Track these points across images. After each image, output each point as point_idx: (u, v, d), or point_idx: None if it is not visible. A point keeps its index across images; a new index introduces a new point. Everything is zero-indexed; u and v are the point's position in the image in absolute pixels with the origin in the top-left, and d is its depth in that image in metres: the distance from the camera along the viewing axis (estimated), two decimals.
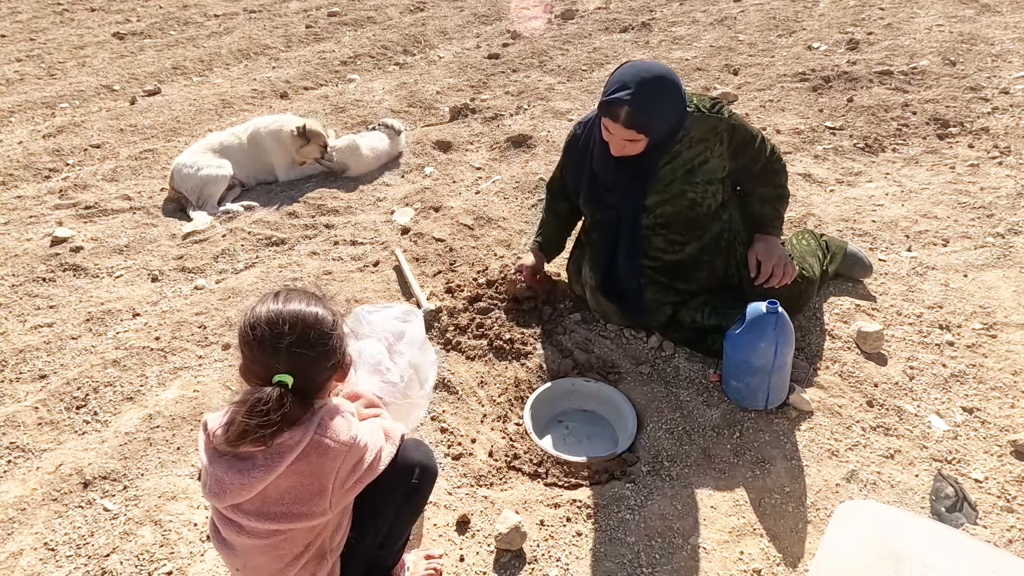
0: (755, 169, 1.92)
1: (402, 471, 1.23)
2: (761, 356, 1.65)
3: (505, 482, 1.66)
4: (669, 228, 1.94)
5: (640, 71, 1.71)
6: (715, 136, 1.84)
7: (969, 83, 4.09)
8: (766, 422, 1.75)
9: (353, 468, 1.14)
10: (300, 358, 1.09)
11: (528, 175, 3.19)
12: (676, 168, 1.85)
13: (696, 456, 1.68)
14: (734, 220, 2.00)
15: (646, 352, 2.03)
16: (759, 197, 1.97)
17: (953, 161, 3.18)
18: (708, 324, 1.97)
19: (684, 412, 1.81)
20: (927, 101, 3.89)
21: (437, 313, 2.21)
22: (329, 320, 1.14)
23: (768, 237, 1.98)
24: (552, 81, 4.73)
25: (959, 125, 3.60)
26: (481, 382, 1.96)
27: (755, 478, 1.60)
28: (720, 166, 1.88)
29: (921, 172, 3.14)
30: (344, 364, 1.19)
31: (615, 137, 1.76)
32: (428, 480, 1.28)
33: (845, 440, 1.70)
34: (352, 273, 2.54)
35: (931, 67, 4.38)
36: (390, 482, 1.22)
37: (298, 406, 1.10)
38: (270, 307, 1.13)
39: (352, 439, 1.13)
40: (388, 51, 5.88)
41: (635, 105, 1.66)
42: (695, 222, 1.93)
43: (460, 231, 2.74)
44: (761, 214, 1.99)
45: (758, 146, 1.89)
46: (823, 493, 1.57)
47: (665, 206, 1.89)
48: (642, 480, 1.62)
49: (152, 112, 4.55)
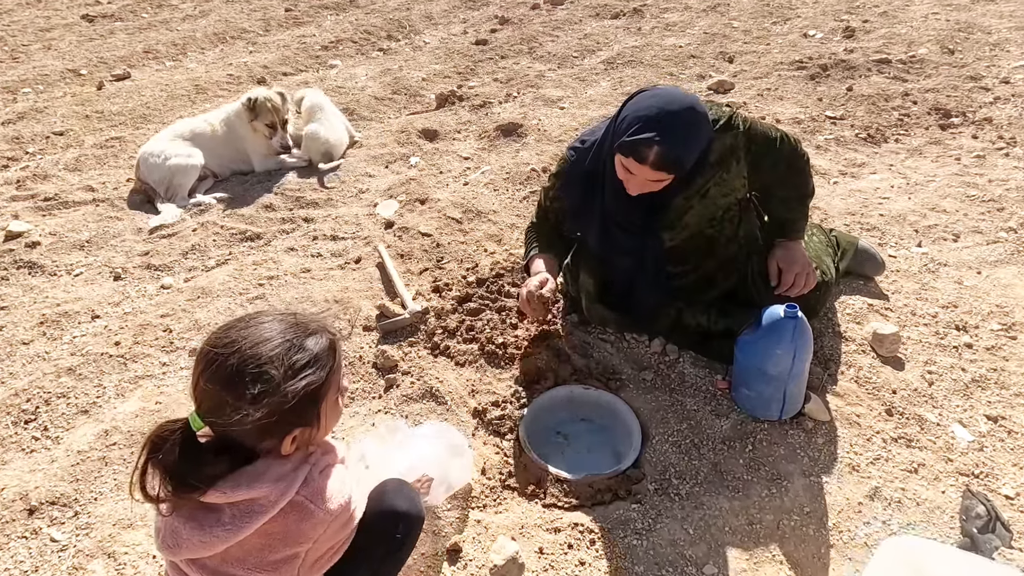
0: (776, 173, 1.76)
1: (382, 522, 1.07)
2: (777, 364, 1.52)
3: (500, 503, 1.51)
4: (680, 257, 1.79)
5: (664, 103, 1.48)
6: (732, 155, 1.66)
7: (969, 72, 4.00)
8: (780, 434, 1.62)
9: (335, 536, 0.98)
10: (214, 399, 0.90)
11: (519, 165, 3.03)
12: (691, 197, 1.68)
13: (706, 472, 1.55)
14: (751, 232, 1.86)
15: (648, 357, 1.89)
16: (779, 200, 1.82)
17: (958, 152, 3.08)
18: (716, 328, 1.84)
19: (692, 423, 1.68)
20: (927, 91, 3.79)
21: (424, 315, 2.06)
22: (277, 368, 0.91)
23: (789, 243, 1.84)
24: (542, 68, 4.56)
25: (961, 115, 3.50)
26: (472, 391, 1.81)
27: (772, 497, 1.48)
28: (739, 185, 1.72)
29: (926, 163, 3.04)
30: (315, 429, 0.99)
31: (637, 177, 1.55)
32: (414, 531, 1.12)
33: (866, 453, 1.58)
34: (332, 271, 2.37)
35: (929, 56, 4.29)
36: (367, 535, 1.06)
37: (223, 461, 0.92)
38: (228, 323, 0.96)
39: (344, 506, 0.97)
40: (371, 36, 5.66)
41: (666, 145, 1.44)
42: (711, 250, 1.79)
43: (447, 225, 2.58)
44: (781, 218, 1.84)
45: (778, 148, 1.72)
46: (845, 513, 1.45)
47: (678, 242, 1.75)
48: (649, 500, 1.49)
49: (120, 98, 4.31)
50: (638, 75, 4.31)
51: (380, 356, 1.91)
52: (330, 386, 1.00)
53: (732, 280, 1.87)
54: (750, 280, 1.88)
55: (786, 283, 1.78)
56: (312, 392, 0.95)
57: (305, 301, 2.17)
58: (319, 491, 0.96)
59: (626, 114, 1.55)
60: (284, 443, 0.96)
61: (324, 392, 0.98)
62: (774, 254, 1.84)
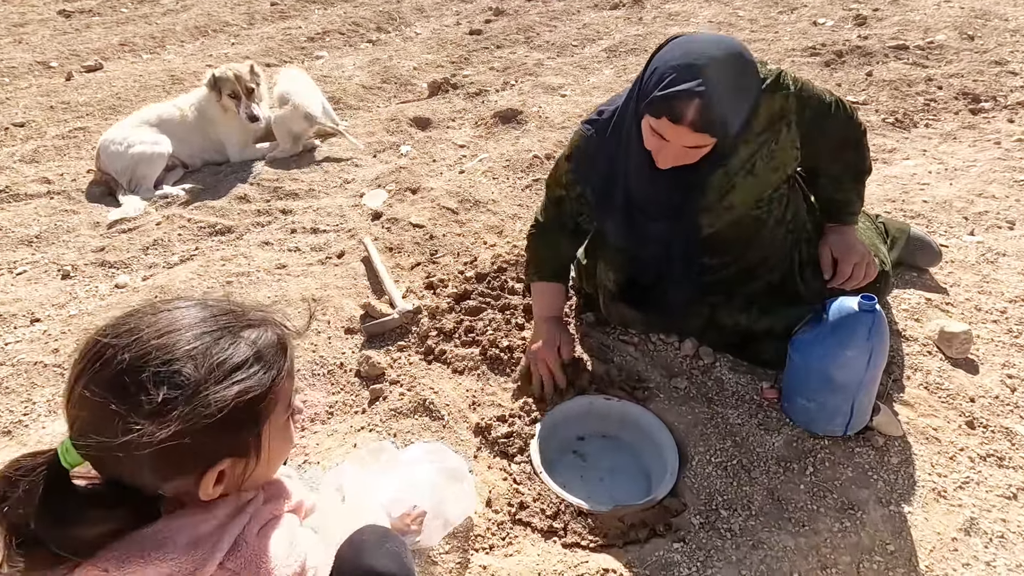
0: (830, 146, 1.49)
1: None
2: (847, 369, 1.25)
3: (510, 543, 1.23)
4: (719, 247, 1.51)
5: (705, 49, 1.21)
6: (781, 120, 1.37)
7: (992, 57, 3.78)
8: (846, 452, 1.35)
9: None
10: (96, 412, 0.62)
11: (520, 152, 2.76)
12: (732, 173, 1.38)
13: (761, 501, 1.27)
14: (799, 215, 1.58)
15: (679, 361, 1.61)
16: (833, 179, 1.55)
17: (996, 136, 2.84)
18: (757, 327, 1.57)
19: (737, 440, 1.40)
20: (951, 75, 3.57)
21: (416, 315, 1.77)
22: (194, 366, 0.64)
23: (844, 228, 1.57)
24: (540, 56, 4.30)
25: (991, 100, 3.28)
26: (473, 403, 1.53)
27: (845, 532, 1.20)
28: (790, 157, 1.42)
29: (962, 148, 2.80)
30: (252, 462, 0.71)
31: (671, 145, 1.26)
32: None
33: (951, 475, 1.31)
34: (311, 266, 2.09)
35: (948, 42, 4.08)
36: None
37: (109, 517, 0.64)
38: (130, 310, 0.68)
39: (296, 574, 0.69)
40: (360, 28, 5.40)
41: (709, 98, 1.17)
42: (755, 236, 1.51)
43: (442, 215, 2.30)
44: (834, 200, 1.57)
45: (833, 115, 1.45)
46: (939, 552, 1.17)
47: (719, 227, 1.46)
48: (695, 537, 1.21)
49: (90, 88, 4.01)
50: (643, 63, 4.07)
51: (364, 363, 1.62)
52: (276, 400, 0.72)
53: (776, 273, 1.60)
54: (796, 272, 1.61)
55: (843, 274, 1.51)
56: (248, 405, 0.67)
57: (279, 300, 1.88)
58: (255, 559, 0.68)
59: (656, 65, 1.27)
60: (204, 483, 0.67)
61: (267, 407, 0.70)
62: (827, 240, 1.57)
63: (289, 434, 0.78)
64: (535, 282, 1.64)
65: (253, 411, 0.68)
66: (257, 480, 0.75)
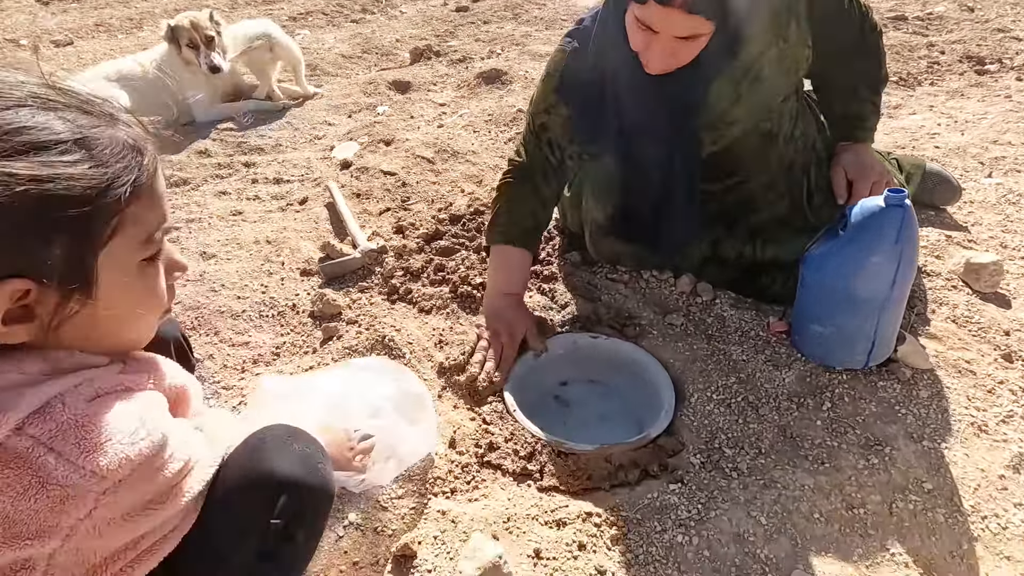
0: (844, 48, 1.31)
1: (249, 498, 0.60)
2: (872, 280, 1.06)
3: (476, 487, 1.03)
4: (723, 169, 1.33)
5: None
6: (790, 14, 1.20)
7: (995, 25, 3.66)
8: (867, 387, 1.17)
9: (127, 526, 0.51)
10: None
11: (504, 108, 2.59)
12: (736, 79, 1.21)
13: (772, 438, 1.09)
14: (808, 134, 1.40)
15: (675, 298, 1.43)
16: (847, 88, 1.38)
17: (1007, 92, 2.70)
18: (763, 258, 1.39)
19: (742, 376, 1.22)
20: (954, 42, 3.45)
21: (380, 254, 1.58)
22: None
23: (858, 146, 1.40)
24: (529, 30, 4.16)
25: (997, 62, 3.14)
26: (440, 342, 1.34)
27: (872, 469, 1.01)
28: (802, 57, 1.25)
29: (971, 104, 2.65)
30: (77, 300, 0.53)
31: (661, 39, 1.09)
32: (308, 515, 0.63)
33: (992, 409, 1.12)
34: (271, 213, 1.90)
35: (948, 13, 3.96)
36: (220, 524, 0.59)
37: None
38: None
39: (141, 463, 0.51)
40: (344, 8, 5.25)
41: None
42: (762, 155, 1.33)
43: (416, 164, 2.12)
44: (847, 113, 1.40)
45: (847, 11, 1.28)
46: (984, 491, 0.99)
47: (724, 145, 1.28)
48: (695, 478, 1.02)
49: (57, 60, 3.83)
50: None
51: (318, 300, 1.43)
52: (122, 223, 0.53)
53: (784, 201, 1.42)
54: (804, 200, 1.43)
55: (860, 195, 1.33)
56: (58, 205, 0.48)
57: (229, 243, 1.69)
58: (76, 427, 0.49)
59: None
60: None
61: (96, 224, 0.51)
62: (839, 161, 1.40)
63: (152, 286, 0.59)
64: (498, 244, 1.35)
65: (69, 219, 0.49)
66: (99, 339, 0.56)
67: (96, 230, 0.52)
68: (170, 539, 0.56)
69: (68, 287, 0.51)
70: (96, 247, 0.52)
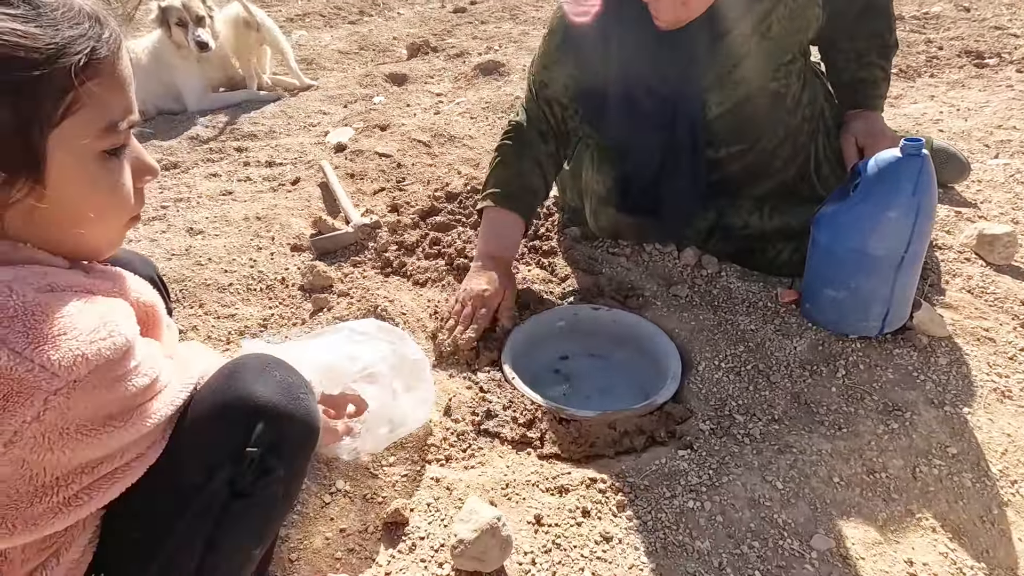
0: (854, 10, 1.28)
1: (223, 425, 0.54)
2: (888, 237, 1.02)
3: (472, 455, 0.97)
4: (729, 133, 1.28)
5: None
6: None
7: (992, 23, 3.68)
8: (882, 354, 1.11)
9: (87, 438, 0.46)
10: None
11: (501, 96, 2.55)
12: (747, 36, 1.18)
13: (785, 405, 1.03)
14: (816, 101, 1.36)
15: (679, 271, 1.38)
16: (857, 54, 1.34)
17: (1008, 82, 2.68)
18: (770, 227, 1.34)
19: (751, 344, 1.16)
20: (952, 38, 3.45)
21: (373, 230, 1.53)
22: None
23: (869, 113, 1.36)
24: (526, 28, 4.15)
25: (996, 56, 3.14)
26: (434, 313, 1.28)
27: (893, 434, 0.96)
28: (812, 16, 1.22)
29: (972, 93, 2.63)
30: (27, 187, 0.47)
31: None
32: (287, 445, 0.56)
33: (1015, 376, 1.07)
34: (262, 193, 1.85)
35: (945, 12, 3.98)
36: (191, 453, 0.53)
37: None
38: None
39: (103, 364, 0.46)
40: (342, 11, 5.25)
41: None
42: (769, 119, 1.28)
43: (412, 147, 2.08)
44: (857, 79, 1.36)
45: None
46: (1012, 456, 0.93)
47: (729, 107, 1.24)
48: (704, 444, 0.96)
49: None
50: None
51: (309, 272, 1.37)
52: (77, 103, 0.48)
53: (791, 169, 1.38)
54: (812, 169, 1.39)
55: None
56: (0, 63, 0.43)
57: (218, 220, 1.64)
58: (26, 315, 0.44)
59: None
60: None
61: (44, 99, 0.46)
62: (850, 128, 1.36)
63: (113, 182, 0.53)
64: (489, 207, 1.30)
65: (11, 84, 0.44)
66: (56, 238, 0.51)
67: (44, 103, 0.46)
68: (133, 468, 0.50)
69: (11, 166, 0.46)
70: (44, 123, 0.47)
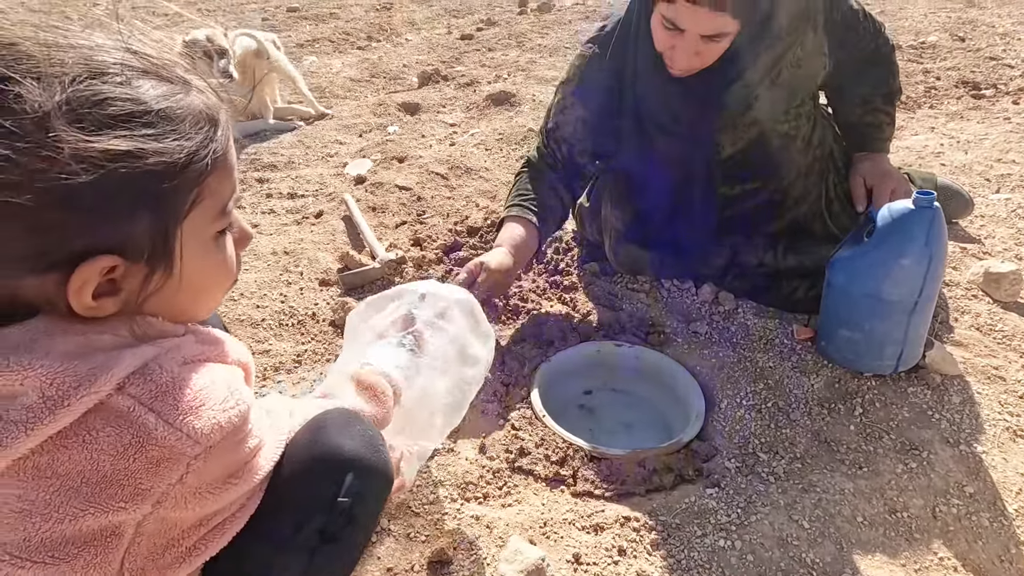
0: (858, 59, 1.36)
1: (314, 475, 0.58)
2: (902, 283, 1.07)
3: (508, 492, 1.01)
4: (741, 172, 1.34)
5: None
6: (807, 21, 1.24)
7: (987, 54, 3.78)
8: (897, 392, 1.16)
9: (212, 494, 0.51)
10: None
11: (514, 128, 2.62)
12: (755, 83, 1.24)
13: (806, 443, 1.07)
14: (826, 142, 1.43)
15: (697, 307, 1.43)
16: (862, 99, 1.41)
17: (1005, 114, 2.76)
18: (785, 266, 1.40)
19: (770, 383, 1.21)
20: (949, 68, 3.55)
21: (399, 264, 1.58)
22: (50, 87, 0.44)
23: (876, 155, 1.43)
24: (533, 56, 4.25)
25: (992, 87, 3.23)
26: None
27: (912, 474, 1.00)
28: (819, 65, 1.29)
29: (971, 125, 2.71)
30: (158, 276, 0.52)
31: (687, 37, 1.12)
32: (370, 495, 0.61)
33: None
34: (287, 226, 1.90)
35: (941, 42, 4.09)
36: (285, 501, 0.57)
37: None
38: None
39: (232, 430, 0.51)
40: (350, 36, 5.36)
41: None
42: (780, 158, 1.34)
43: (431, 180, 2.14)
44: (863, 123, 1.43)
45: (862, 23, 1.34)
46: None
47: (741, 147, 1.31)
48: (731, 482, 1.00)
49: None
50: None
51: (340, 309, 1.42)
52: (201, 196, 0.53)
53: (803, 207, 1.44)
54: (823, 207, 1.45)
55: (880, 201, 1.35)
56: (144, 180, 0.48)
57: (247, 254, 1.69)
58: (174, 390, 0.48)
59: None
60: (75, 283, 0.47)
61: (177, 197, 0.51)
62: (858, 170, 1.42)
63: (224, 258, 0.58)
64: (504, 216, 1.38)
65: (153, 192, 0.49)
66: (174, 311, 0.55)
67: (179, 205, 0.51)
68: (238, 517, 0.54)
69: (153, 261, 0.51)
70: (178, 222, 0.52)
